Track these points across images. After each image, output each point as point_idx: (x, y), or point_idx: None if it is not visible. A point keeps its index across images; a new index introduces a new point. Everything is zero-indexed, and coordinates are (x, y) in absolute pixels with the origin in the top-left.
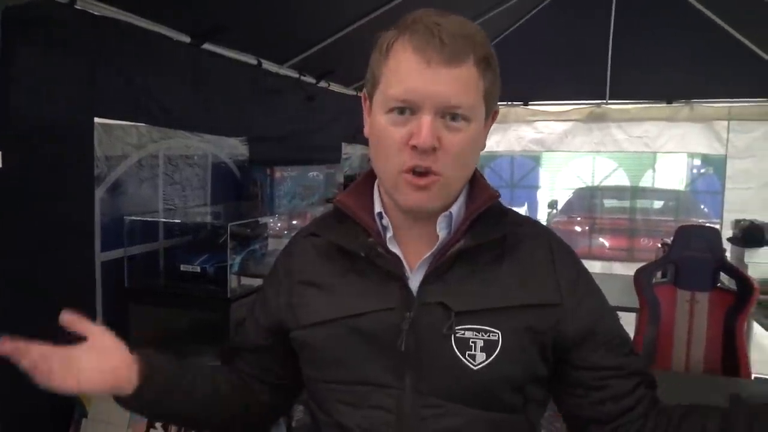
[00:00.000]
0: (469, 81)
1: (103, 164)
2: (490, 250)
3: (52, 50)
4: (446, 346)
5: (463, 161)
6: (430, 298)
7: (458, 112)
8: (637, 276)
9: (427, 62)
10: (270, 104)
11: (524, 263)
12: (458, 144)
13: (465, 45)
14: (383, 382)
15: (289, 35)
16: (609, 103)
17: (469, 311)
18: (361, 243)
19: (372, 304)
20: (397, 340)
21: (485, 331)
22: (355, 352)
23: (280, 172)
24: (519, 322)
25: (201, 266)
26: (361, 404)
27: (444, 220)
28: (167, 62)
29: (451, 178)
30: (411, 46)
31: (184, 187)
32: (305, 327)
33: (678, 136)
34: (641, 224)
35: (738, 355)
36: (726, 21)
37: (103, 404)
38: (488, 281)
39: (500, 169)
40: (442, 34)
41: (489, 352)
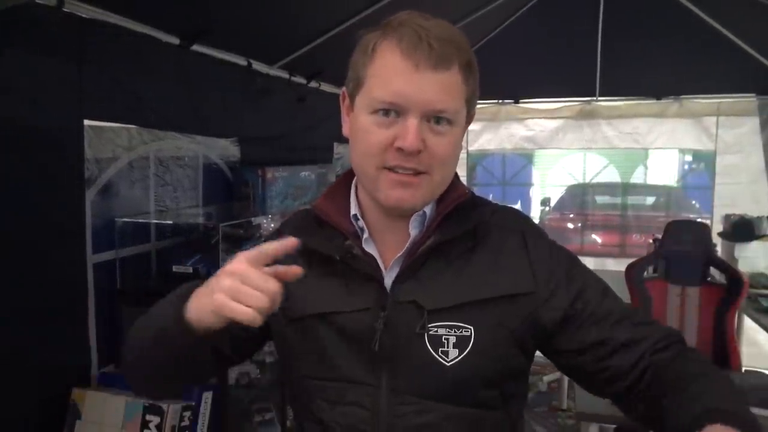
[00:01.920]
0: (454, 86)
1: (94, 166)
2: (462, 244)
3: (39, 53)
4: (419, 344)
5: (448, 163)
6: (403, 296)
7: (443, 116)
8: (628, 271)
9: (415, 66)
10: (260, 105)
11: (496, 253)
12: (443, 147)
13: (451, 50)
14: (360, 380)
15: (278, 36)
16: (599, 100)
17: (441, 308)
18: (336, 246)
19: (350, 304)
20: (371, 339)
21: (457, 327)
22: (333, 350)
23: (271, 172)
24: (492, 315)
25: (193, 267)
26: (339, 401)
27: (417, 219)
28: (156, 64)
29: (437, 177)
30: (399, 50)
31: (176, 188)
32: (287, 321)
33: (668, 132)
34: (633, 220)
35: (729, 349)
36: (714, 18)
37: (97, 406)
38: (459, 275)
39: (492, 167)
40: (430, 38)
41: (462, 348)
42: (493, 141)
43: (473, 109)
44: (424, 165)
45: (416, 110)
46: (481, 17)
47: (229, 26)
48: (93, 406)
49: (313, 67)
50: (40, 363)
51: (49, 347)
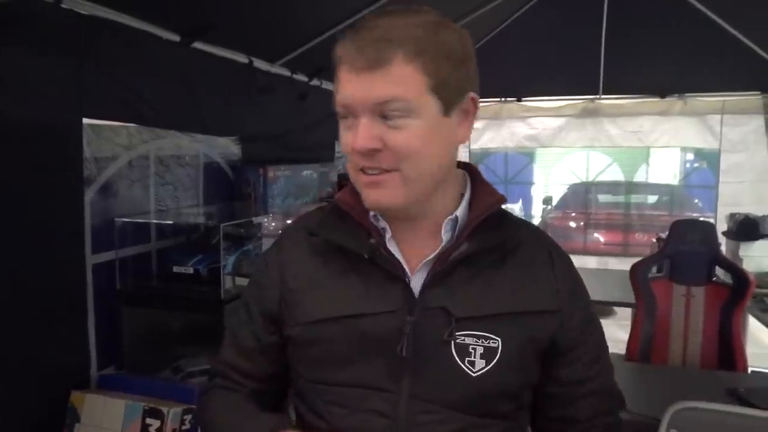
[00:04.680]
0: (398, 78)
1: (93, 165)
2: (490, 255)
3: (38, 50)
4: (446, 352)
5: (414, 156)
6: (433, 302)
7: (392, 108)
8: (633, 271)
9: (353, 69)
10: (262, 103)
11: (525, 268)
12: (401, 141)
13: (386, 47)
14: (379, 386)
15: (280, 33)
16: (602, 98)
17: (470, 317)
18: (363, 243)
19: (373, 306)
20: (397, 343)
21: (485, 337)
22: (352, 354)
23: (273, 171)
24: (519, 329)
25: (194, 267)
26: (356, 407)
27: (450, 224)
28: (157, 61)
29: (408, 172)
30: (341, 56)
31: (176, 187)
32: (302, 324)
33: (671, 131)
34: (636, 219)
35: (734, 349)
36: (719, 15)
37: (96, 409)
38: (489, 286)
39: (494, 166)
40: (362, 41)
41: (489, 359)
42: (495, 139)
43: (460, 93)
44: (388, 162)
45: (363, 110)
46: (483, 15)
47: (231, 23)
48: (92, 409)
49: (314, 64)
50: (38, 365)
51: (47, 349)
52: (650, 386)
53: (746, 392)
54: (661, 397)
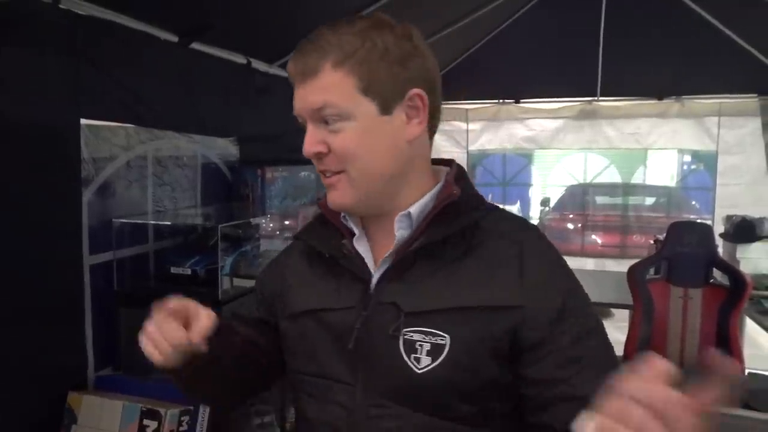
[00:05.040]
0: (328, 85)
1: (91, 166)
2: (455, 248)
3: (36, 50)
4: (393, 347)
5: (356, 157)
6: (385, 297)
7: (328, 114)
8: (630, 273)
9: (295, 81)
10: (260, 103)
11: (488, 262)
12: (340, 144)
13: (315, 56)
14: (340, 378)
15: (278, 33)
16: (600, 100)
17: (419, 312)
18: (332, 245)
19: (337, 302)
20: (350, 338)
21: (433, 334)
22: (320, 346)
23: (271, 172)
24: (472, 326)
25: (192, 268)
26: (322, 398)
27: (403, 219)
28: (155, 62)
29: (352, 173)
30: (288, 69)
31: (174, 188)
32: (286, 318)
33: (669, 133)
34: (633, 221)
35: (732, 351)
36: (716, 17)
37: (93, 411)
38: (448, 280)
39: (492, 167)
40: (296, 56)
41: (435, 357)
42: (493, 141)
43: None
44: (333, 165)
45: (307, 117)
46: (481, 17)
47: (229, 24)
48: (89, 410)
49: None
50: (35, 365)
51: (44, 350)
52: None
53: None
54: None
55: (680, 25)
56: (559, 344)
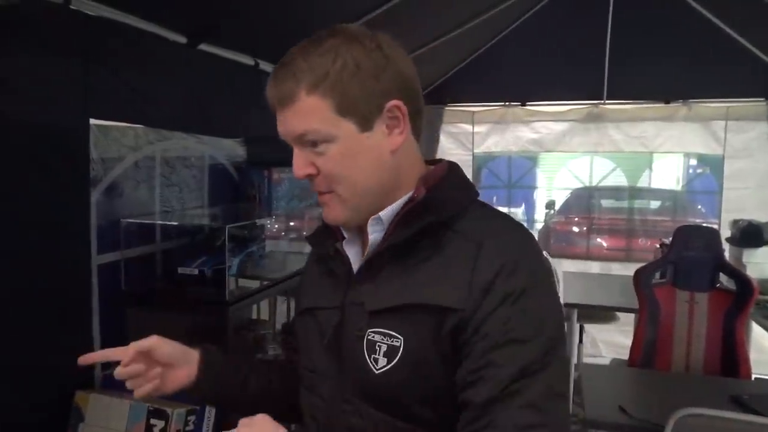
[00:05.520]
0: (306, 111)
1: (99, 166)
2: (424, 249)
3: (46, 51)
4: (358, 347)
5: (343, 177)
6: (356, 297)
7: (310, 139)
8: (636, 276)
9: (272, 107)
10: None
11: (447, 262)
12: (327, 165)
13: (288, 84)
14: (324, 373)
15: (286, 35)
16: (606, 104)
17: (377, 310)
18: (327, 246)
19: (325, 302)
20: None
21: (390, 336)
22: (311, 342)
23: (277, 173)
24: (423, 326)
25: (199, 269)
26: (311, 388)
27: (374, 223)
28: (163, 63)
29: (343, 192)
30: (266, 95)
31: (181, 188)
32: (297, 316)
33: (675, 136)
34: (639, 224)
35: (738, 356)
36: (724, 21)
37: (101, 409)
38: (408, 279)
39: (498, 170)
40: (275, 80)
41: (390, 358)
42: (499, 143)
43: (369, 109)
44: (323, 185)
45: (291, 142)
46: (488, 20)
47: (237, 25)
48: (96, 409)
49: None
50: (43, 364)
51: (52, 348)
52: (653, 392)
53: (750, 399)
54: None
55: (688, 28)
56: (476, 347)
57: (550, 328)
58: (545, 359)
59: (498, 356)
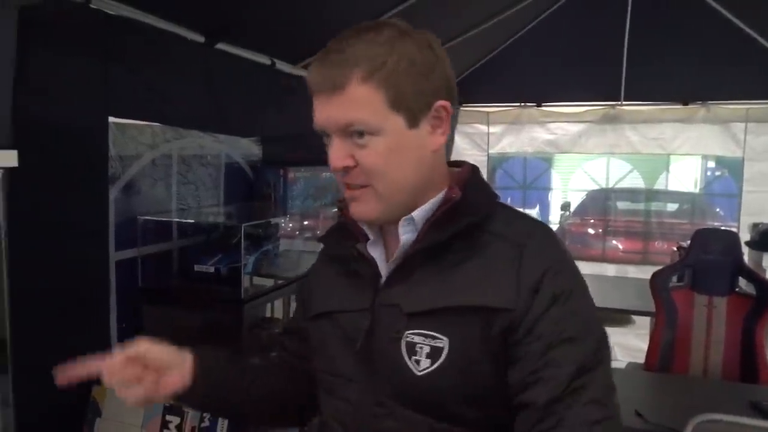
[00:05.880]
0: (357, 100)
1: (117, 164)
2: (459, 251)
3: (66, 50)
4: (396, 349)
5: (383, 172)
6: (389, 299)
7: (357, 130)
8: (653, 280)
9: (318, 93)
10: (284, 104)
11: (488, 264)
12: (369, 158)
13: (342, 70)
14: (351, 377)
15: (302, 35)
16: (623, 105)
17: (418, 312)
18: (347, 248)
19: (351, 304)
20: (357, 339)
21: (432, 337)
22: (333, 346)
23: (293, 172)
24: (469, 327)
25: (215, 267)
26: (333, 393)
27: (406, 224)
28: (181, 62)
29: (379, 188)
30: (307, 80)
31: (197, 186)
32: (308, 320)
33: (694, 138)
34: (656, 227)
35: (757, 361)
36: (744, 21)
37: (117, 404)
38: (448, 281)
39: (512, 171)
40: (321, 67)
41: (434, 359)
42: (514, 144)
43: (419, 106)
44: (360, 179)
45: (332, 131)
46: (504, 20)
47: (254, 25)
48: (113, 403)
49: None
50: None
51: (70, 344)
52: (670, 397)
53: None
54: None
55: (707, 28)
56: (532, 348)
57: (596, 325)
58: (597, 356)
59: (555, 356)
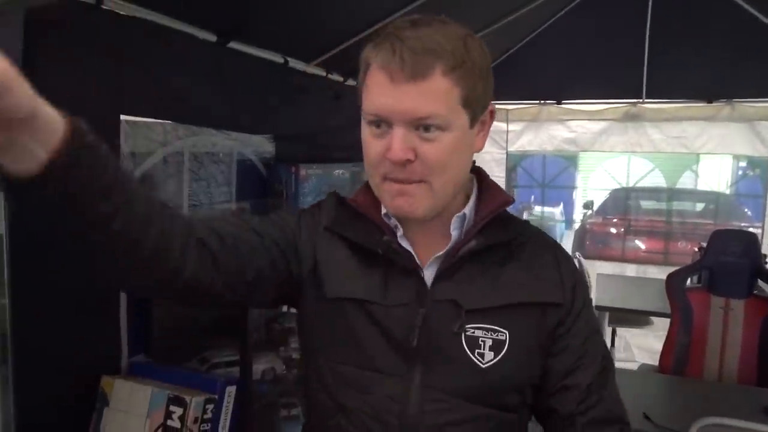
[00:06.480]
0: (437, 93)
1: (129, 160)
2: (497, 252)
3: (80, 49)
4: (456, 344)
5: (444, 169)
6: (442, 295)
7: (430, 123)
8: (668, 280)
9: (390, 79)
10: (297, 102)
11: (531, 264)
12: (434, 153)
13: (428, 59)
14: (393, 372)
15: (316, 33)
16: (645, 102)
17: (478, 309)
18: (377, 240)
19: (387, 298)
20: (409, 335)
21: (494, 330)
22: (367, 339)
23: (305, 170)
24: (526, 322)
25: None
26: (368, 389)
27: (457, 221)
28: (193, 60)
29: (436, 184)
30: (377, 64)
31: (209, 183)
32: (321, 299)
33: (718, 137)
34: (678, 227)
35: None
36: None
37: (125, 395)
38: (496, 280)
39: (531, 169)
40: (404, 51)
41: (497, 351)
42: (533, 142)
43: (483, 106)
44: (418, 174)
45: (399, 121)
46: (522, 16)
47: (267, 23)
48: (120, 394)
49: (350, 65)
50: (72, 351)
51: (81, 336)
52: (680, 400)
53: None
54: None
55: (731, 24)
56: (575, 340)
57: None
58: (603, 341)
59: (590, 346)
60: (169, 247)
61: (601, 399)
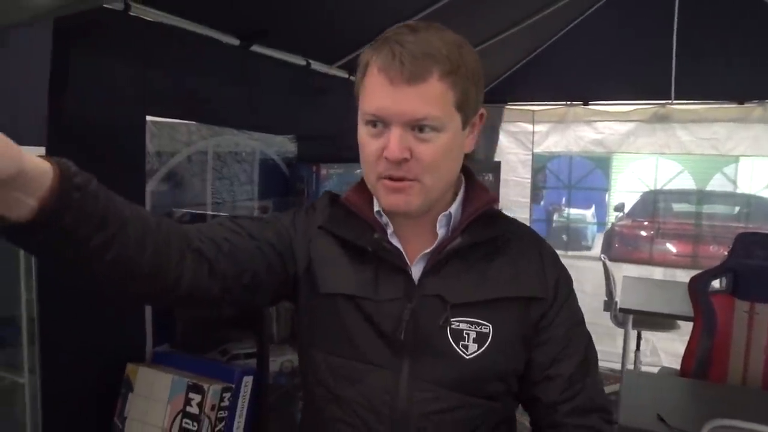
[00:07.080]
0: (434, 96)
1: (155, 159)
2: (483, 249)
3: (108, 54)
4: (442, 336)
5: (437, 168)
6: (429, 290)
7: (426, 124)
8: (692, 284)
9: (390, 81)
10: (318, 103)
11: (515, 260)
12: (429, 154)
13: (426, 63)
14: (383, 365)
15: (337, 36)
16: (674, 104)
17: (463, 303)
18: (367, 239)
19: (378, 293)
20: (397, 328)
21: (478, 323)
22: (358, 333)
23: (325, 169)
24: (509, 315)
25: None
26: (360, 381)
27: (443, 219)
28: (217, 64)
29: (428, 184)
30: (376, 67)
31: (232, 182)
32: (321, 295)
33: (750, 139)
34: (708, 230)
35: None
36: None
37: (148, 381)
38: (481, 276)
39: (558, 170)
40: (403, 55)
41: (481, 343)
42: (559, 143)
43: (474, 109)
44: (413, 172)
45: (397, 121)
46: (548, 16)
47: (289, 27)
48: (144, 380)
49: None
50: (100, 339)
51: (108, 326)
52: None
53: None
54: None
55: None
56: (557, 332)
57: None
58: (587, 332)
59: (573, 336)
60: (166, 262)
61: (584, 387)
